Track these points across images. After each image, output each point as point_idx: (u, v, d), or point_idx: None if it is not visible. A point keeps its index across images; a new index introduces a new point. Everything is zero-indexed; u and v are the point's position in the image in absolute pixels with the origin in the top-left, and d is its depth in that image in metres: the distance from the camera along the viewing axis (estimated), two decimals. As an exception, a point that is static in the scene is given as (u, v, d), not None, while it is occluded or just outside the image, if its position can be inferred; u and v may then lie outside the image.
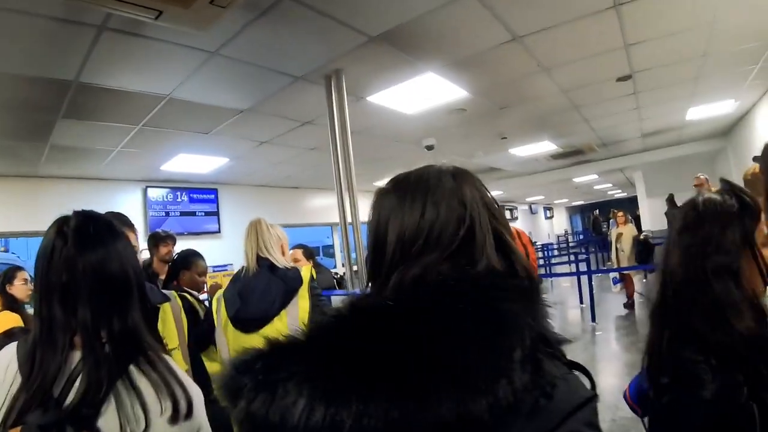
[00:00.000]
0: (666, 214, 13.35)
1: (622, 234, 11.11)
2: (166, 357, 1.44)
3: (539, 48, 4.99)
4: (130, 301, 1.43)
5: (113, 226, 1.51)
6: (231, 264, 8.95)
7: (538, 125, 8.55)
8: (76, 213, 1.49)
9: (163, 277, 5.08)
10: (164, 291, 2.82)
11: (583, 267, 13.48)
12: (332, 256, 15.23)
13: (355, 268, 5.07)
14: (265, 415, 0.75)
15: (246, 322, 2.86)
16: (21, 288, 4.36)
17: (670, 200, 11.31)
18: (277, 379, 0.78)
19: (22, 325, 4.00)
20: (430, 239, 0.96)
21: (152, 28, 3.59)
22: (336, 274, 5.71)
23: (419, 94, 5.99)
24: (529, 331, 0.80)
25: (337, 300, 4.31)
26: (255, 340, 0.87)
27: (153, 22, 3.17)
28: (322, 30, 4.11)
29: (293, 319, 2.81)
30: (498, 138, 9.09)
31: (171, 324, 2.65)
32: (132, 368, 1.32)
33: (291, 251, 5.17)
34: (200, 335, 3.53)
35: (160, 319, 2.57)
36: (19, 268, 4.55)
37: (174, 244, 5.45)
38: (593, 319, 9.66)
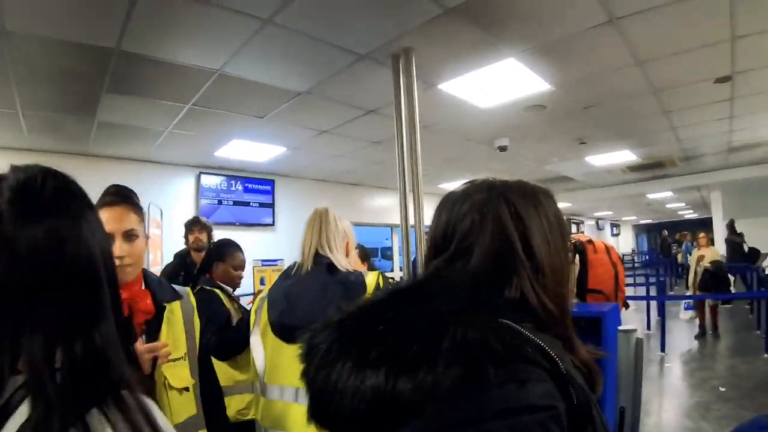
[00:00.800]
0: (726, 240, 12.52)
1: (703, 257, 10.34)
2: (146, 399, 0.92)
3: (636, 35, 4.40)
4: (99, 306, 0.92)
5: (75, 188, 1.01)
6: (282, 259, 8.55)
7: (621, 131, 7.98)
8: (16, 168, 0.97)
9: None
10: (177, 287, 2.35)
11: (652, 290, 12.68)
12: (390, 258, 14.93)
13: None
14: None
15: (289, 329, 2.37)
16: None
17: (731, 226, 10.69)
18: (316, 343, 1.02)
19: None
20: (443, 242, 1.11)
21: None
22: (393, 279, 5.19)
23: (496, 85, 5.42)
24: (466, 330, 0.84)
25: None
26: (296, 353, 1.06)
27: None
28: (390, -1, 3.56)
29: None
30: (576, 143, 8.51)
31: (179, 327, 2.20)
32: (94, 413, 0.82)
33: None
34: (227, 341, 3.24)
35: (165, 320, 2.12)
36: None
37: (206, 231, 5.28)
38: (662, 348, 8.90)
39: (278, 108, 5.90)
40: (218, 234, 8.45)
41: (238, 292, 3.77)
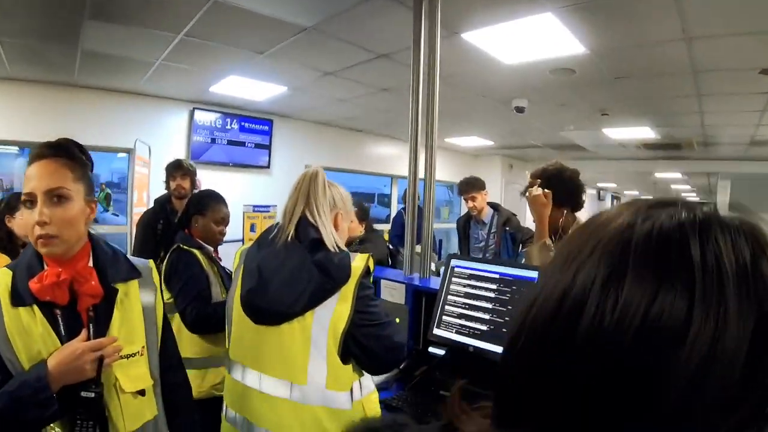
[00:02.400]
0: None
1: None
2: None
3: (694, 7, 3.93)
4: None
5: None
6: (275, 205, 8.18)
7: (647, 107, 7.59)
8: None
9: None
10: (137, 261, 1.93)
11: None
12: (387, 205, 14.77)
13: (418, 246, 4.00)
14: None
15: (257, 309, 2.12)
16: (22, 223, 3.44)
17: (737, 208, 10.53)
18: None
19: None
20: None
21: None
22: (390, 244, 4.81)
23: (526, 40, 4.88)
24: None
25: (387, 287, 3.32)
26: (265, 337, 1.14)
27: None
28: None
29: (321, 326, 2.00)
30: (598, 113, 8.08)
31: (135, 313, 1.82)
32: None
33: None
34: (205, 316, 3.01)
35: (117, 305, 1.75)
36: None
37: (189, 177, 4.94)
38: None
39: (280, 44, 5.35)
40: (211, 174, 8.19)
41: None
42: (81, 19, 4.66)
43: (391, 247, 4.66)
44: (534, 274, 2.44)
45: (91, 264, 1.72)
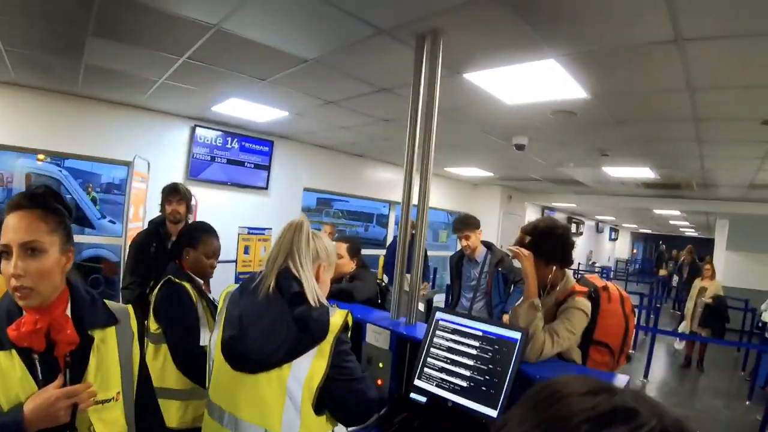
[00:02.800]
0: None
1: (705, 289, 10.09)
2: None
3: (697, 60, 3.92)
4: None
5: None
6: (270, 228, 8.13)
7: (647, 149, 7.61)
8: None
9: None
10: (116, 306, 1.93)
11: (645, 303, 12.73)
12: (385, 226, 14.83)
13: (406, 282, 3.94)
14: None
15: (237, 358, 2.11)
16: None
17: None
18: None
19: None
20: None
21: None
22: (381, 281, 4.77)
23: (528, 83, 4.88)
24: None
25: (373, 331, 3.28)
26: (243, 383, 1.15)
27: None
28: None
29: (297, 380, 1.99)
30: (598, 153, 8.10)
31: (111, 359, 1.81)
32: None
33: (334, 244, 4.32)
34: (194, 354, 2.97)
35: (93, 351, 1.74)
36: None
37: (185, 202, 4.91)
38: (646, 374, 8.62)
39: (282, 72, 5.35)
40: (208, 192, 8.18)
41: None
42: (85, 35, 4.67)
43: (381, 284, 4.63)
44: (517, 335, 2.42)
45: (68, 311, 1.71)
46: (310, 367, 1.98)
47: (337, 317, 2.07)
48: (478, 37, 3.93)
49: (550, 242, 3.03)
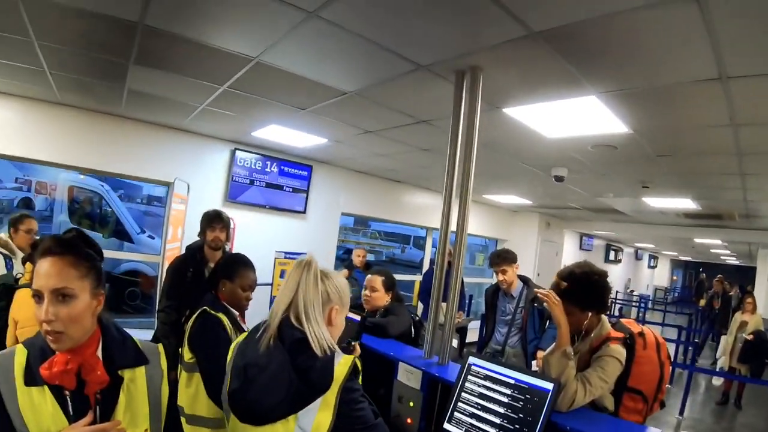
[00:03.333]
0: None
1: (746, 324, 9.76)
2: None
3: (741, 97, 3.83)
4: None
5: None
6: (306, 253, 8.12)
7: (689, 181, 7.46)
8: None
9: (213, 265, 4.59)
10: (147, 346, 1.98)
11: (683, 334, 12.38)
12: (422, 248, 14.67)
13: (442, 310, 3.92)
14: None
15: (242, 411, 2.04)
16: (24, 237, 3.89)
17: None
18: None
19: None
20: None
21: None
22: (415, 316, 4.73)
23: (569, 118, 4.84)
24: None
25: (404, 370, 3.26)
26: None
27: None
28: (464, 9, 2.98)
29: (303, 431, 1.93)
30: (638, 185, 7.99)
31: (140, 398, 1.86)
32: None
33: (369, 277, 4.34)
34: (221, 385, 2.91)
35: (123, 389, 1.79)
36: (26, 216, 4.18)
37: (226, 229, 4.94)
38: (681, 411, 8.30)
39: (321, 103, 5.40)
40: (246, 215, 8.25)
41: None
42: (127, 63, 4.77)
43: (415, 318, 4.58)
44: (549, 385, 2.39)
45: (99, 351, 1.76)
46: (315, 420, 1.92)
47: (342, 365, 1.99)
48: (518, 74, 3.92)
49: (586, 289, 2.98)
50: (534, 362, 5.29)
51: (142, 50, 4.38)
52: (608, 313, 3.20)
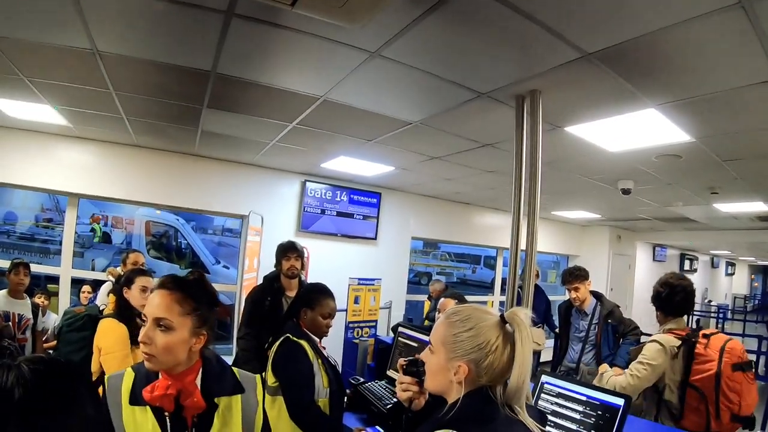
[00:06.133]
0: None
1: None
2: None
3: None
4: None
5: None
6: (380, 279, 8.23)
7: (759, 184, 7.21)
8: None
9: (290, 293, 4.90)
10: (245, 376, 2.15)
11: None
12: (493, 267, 14.96)
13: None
14: None
15: None
16: (137, 296, 3.82)
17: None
18: None
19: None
20: None
21: (291, 17, 2.90)
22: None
23: (630, 132, 4.86)
24: None
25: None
26: None
27: (290, 10, 2.43)
28: (519, 37, 3.10)
29: None
30: (707, 191, 7.80)
31: (235, 425, 2.01)
32: None
33: (442, 301, 4.50)
34: (303, 410, 3.23)
35: (218, 416, 1.95)
36: (143, 272, 4.06)
37: (300, 258, 5.10)
38: (763, 427, 7.89)
39: (387, 134, 5.58)
40: (319, 244, 8.48)
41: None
42: (201, 107, 5.05)
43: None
44: (620, 401, 2.44)
45: (198, 380, 1.93)
46: None
47: None
48: (576, 94, 3.98)
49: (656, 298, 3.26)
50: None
51: (214, 96, 4.64)
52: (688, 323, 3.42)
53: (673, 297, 3.63)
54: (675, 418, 3.45)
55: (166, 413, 1.83)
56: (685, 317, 3.85)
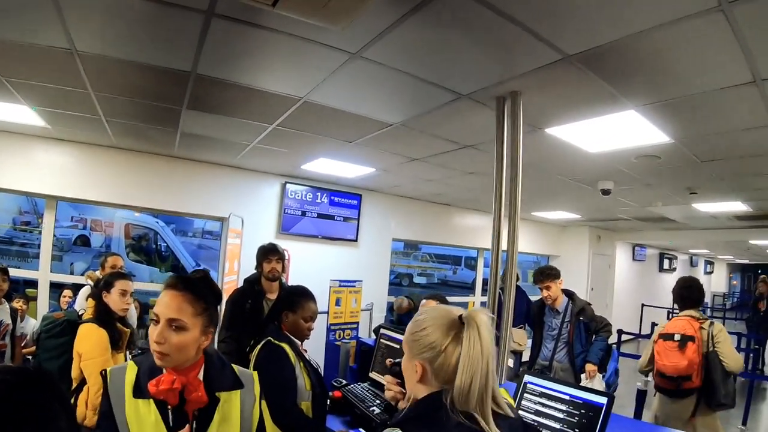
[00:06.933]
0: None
1: None
2: None
3: None
4: None
5: None
6: (361, 281, 8.22)
7: (737, 184, 7.31)
8: None
9: (270, 296, 4.91)
10: (244, 372, 2.25)
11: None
12: (473, 268, 14.95)
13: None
14: None
15: None
16: (117, 300, 3.81)
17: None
18: None
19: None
20: None
21: (272, 17, 2.91)
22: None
23: (610, 133, 4.89)
24: None
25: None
26: None
27: (271, 10, 2.43)
28: (500, 39, 3.11)
29: None
30: (686, 192, 7.87)
31: (233, 420, 2.07)
32: None
33: (423, 302, 4.35)
34: (285, 412, 3.20)
35: (218, 411, 2.01)
36: (122, 275, 4.03)
37: (281, 260, 5.09)
38: (744, 421, 8.02)
39: (367, 136, 5.58)
40: (300, 246, 8.45)
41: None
42: (180, 108, 5.02)
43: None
44: (603, 400, 2.44)
45: (201, 375, 1.99)
46: None
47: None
48: (556, 95, 4.00)
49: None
50: (583, 375, 5.36)
51: (194, 97, 4.61)
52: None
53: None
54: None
55: (169, 407, 1.88)
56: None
